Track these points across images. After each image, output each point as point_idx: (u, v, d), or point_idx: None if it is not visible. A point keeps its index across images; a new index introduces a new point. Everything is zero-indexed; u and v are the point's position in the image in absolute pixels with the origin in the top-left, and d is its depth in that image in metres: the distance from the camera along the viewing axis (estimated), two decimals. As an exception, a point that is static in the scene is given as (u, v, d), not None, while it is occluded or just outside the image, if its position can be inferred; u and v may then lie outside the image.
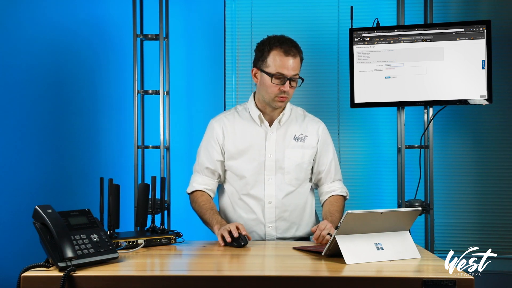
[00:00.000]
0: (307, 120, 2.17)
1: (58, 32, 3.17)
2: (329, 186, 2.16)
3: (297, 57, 2.01)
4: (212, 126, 2.16)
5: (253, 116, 2.12)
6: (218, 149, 2.11)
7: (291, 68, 1.98)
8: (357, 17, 2.97)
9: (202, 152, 2.15)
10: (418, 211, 1.64)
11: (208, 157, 2.12)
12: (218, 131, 2.12)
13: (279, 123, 2.11)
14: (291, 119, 2.14)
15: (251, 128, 2.11)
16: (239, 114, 2.15)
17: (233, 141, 2.10)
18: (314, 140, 2.14)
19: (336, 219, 2.03)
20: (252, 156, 2.08)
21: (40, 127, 3.12)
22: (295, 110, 2.19)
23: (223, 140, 2.11)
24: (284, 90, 1.99)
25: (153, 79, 3.06)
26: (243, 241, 1.78)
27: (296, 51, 2.01)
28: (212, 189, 2.14)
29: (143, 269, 1.52)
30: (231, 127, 2.12)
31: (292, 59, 1.99)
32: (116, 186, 1.72)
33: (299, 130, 2.13)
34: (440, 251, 3.09)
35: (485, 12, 3.25)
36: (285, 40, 2.02)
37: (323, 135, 2.16)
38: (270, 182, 2.07)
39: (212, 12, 3.40)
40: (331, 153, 2.17)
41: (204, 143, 2.16)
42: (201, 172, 2.13)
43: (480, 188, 3.26)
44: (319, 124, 2.19)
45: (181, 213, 3.16)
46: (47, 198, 2.95)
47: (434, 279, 1.32)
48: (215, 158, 2.11)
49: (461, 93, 2.76)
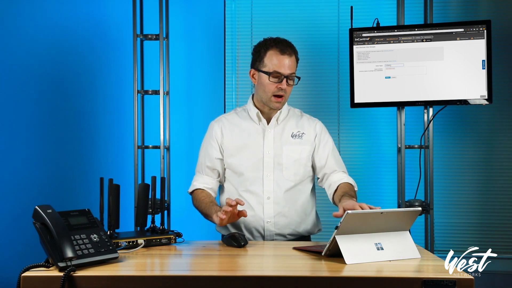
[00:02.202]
0: (304, 119, 2.23)
1: (58, 32, 3.17)
2: (335, 176, 2.14)
3: (293, 56, 2.08)
4: (211, 126, 2.22)
5: (251, 115, 2.17)
6: (217, 147, 2.16)
7: (287, 67, 2.04)
8: (357, 17, 2.97)
9: (202, 152, 2.21)
10: (418, 211, 1.64)
11: (207, 156, 2.17)
12: (217, 130, 2.18)
13: (277, 121, 2.16)
14: (288, 117, 2.20)
15: (250, 126, 2.16)
16: (238, 115, 2.22)
17: (231, 138, 2.15)
18: (312, 136, 2.17)
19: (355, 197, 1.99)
20: (250, 153, 2.12)
21: (40, 127, 3.11)
22: (293, 110, 2.25)
23: (222, 139, 2.16)
24: (281, 87, 2.05)
25: (153, 79, 3.06)
26: (243, 241, 1.79)
27: (291, 50, 2.08)
28: (212, 188, 2.16)
29: (143, 269, 1.52)
30: (229, 125, 2.18)
31: (288, 57, 2.05)
32: (116, 186, 1.72)
33: (296, 128, 2.17)
34: (440, 251, 3.09)
35: (485, 12, 3.25)
36: (281, 41, 2.09)
37: (320, 130, 2.20)
38: (269, 179, 2.10)
39: (212, 12, 3.40)
40: (330, 145, 2.19)
41: (204, 144, 2.21)
42: (202, 171, 2.18)
43: (480, 188, 3.26)
44: (315, 121, 2.23)
45: (181, 213, 3.16)
46: (47, 198, 2.94)
47: (434, 279, 1.32)
48: (214, 156, 2.15)
49: (461, 93, 2.76)
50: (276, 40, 2.08)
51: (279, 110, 2.13)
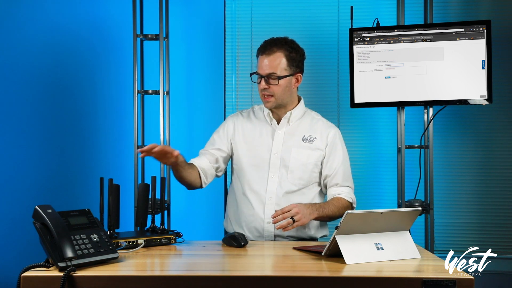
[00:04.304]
0: (320, 124, 2.20)
1: (58, 32, 3.16)
2: (335, 190, 2.14)
3: (274, 54, 2.06)
4: (227, 120, 2.28)
5: (265, 115, 2.20)
6: (224, 140, 2.19)
7: (264, 66, 2.07)
8: (357, 17, 2.97)
9: (209, 139, 2.25)
10: (418, 211, 1.64)
11: (212, 143, 2.22)
12: (230, 125, 2.22)
13: (288, 122, 2.16)
14: (302, 119, 2.19)
15: (261, 126, 2.19)
16: (254, 113, 2.24)
17: (242, 136, 2.18)
18: (323, 143, 2.14)
19: (325, 206, 2.03)
20: (258, 152, 2.13)
21: (40, 127, 3.11)
22: (309, 113, 2.24)
23: (233, 135, 2.20)
24: (260, 87, 2.08)
25: (153, 79, 3.06)
26: (243, 241, 1.79)
27: (275, 48, 2.07)
28: (204, 168, 2.13)
29: (143, 269, 1.52)
30: (243, 123, 2.22)
31: (266, 57, 2.07)
32: (116, 186, 1.72)
33: (309, 131, 2.16)
34: (440, 251, 3.09)
35: (485, 12, 3.25)
36: (266, 41, 2.11)
37: (333, 140, 2.16)
38: (274, 179, 2.10)
39: (212, 12, 3.40)
40: (340, 158, 2.15)
41: (214, 133, 2.25)
42: (202, 154, 2.20)
43: (480, 188, 3.26)
44: (330, 129, 2.19)
45: (181, 213, 3.16)
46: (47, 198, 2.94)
47: (434, 279, 1.32)
48: (217, 146, 2.19)
49: (461, 93, 2.76)
50: (264, 41, 2.11)
51: (268, 108, 2.14)
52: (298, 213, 1.89)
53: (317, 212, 1.99)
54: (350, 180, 2.19)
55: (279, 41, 2.09)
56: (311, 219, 1.97)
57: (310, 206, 1.98)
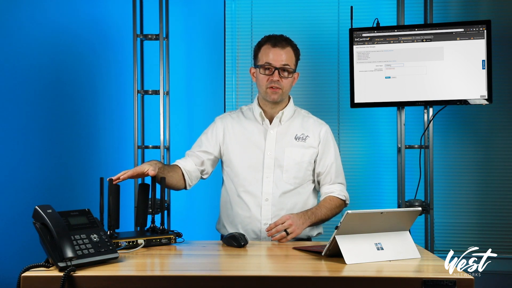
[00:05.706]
0: (311, 121, 2.19)
1: (58, 32, 3.17)
2: (328, 187, 2.15)
3: (287, 48, 2.07)
4: (215, 122, 2.22)
5: (255, 115, 2.16)
6: (212, 142, 2.16)
7: (278, 58, 2.04)
8: (357, 17, 2.97)
9: (197, 141, 2.21)
10: (418, 211, 1.64)
11: (199, 144, 2.18)
12: (219, 127, 2.18)
13: (280, 121, 2.13)
14: (293, 118, 2.17)
15: (253, 126, 2.15)
16: (243, 114, 2.21)
17: (233, 138, 2.14)
18: (315, 141, 2.14)
19: (317, 212, 2.04)
20: (251, 153, 2.11)
21: (40, 127, 3.11)
22: (299, 111, 2.22)
23: (223, 138, 2.16)
24: (272, 79, 2.04)
25: (153, 79, 3.06)
26: (243, 241, 1.78)
27: (285, 43, 2.07)
28: (189, 170, 2.10)
29: (143, 269, 1.52)
30: (233, 124, 2.17)
31: (280, 49, 2.05)
32: (116, 186, 1.72)
33: (301, 130, 2.15)
34: (440, 251, 3.09)
35: (485, 12, 3.25)
36: (275, 35, 2.10)
37: (325, 137, 2.16)
38: (268, 180, 2.08)
39: (212, 12, 3.40)
40: (333, 155, 2.16)
41: (202, 134, 2.21)
42: (188, 155, 2.17)
43: (480, 188, 3.26)
44: (322, 126, 2.19)
45: (181, 213, 3.16)
46: (47, 198, 2.94)
47: (434, 279, 1.32)
48: (204, 148, 2.15)
49: (461, 93, 2.76)
50: (270, 36, 2.10)
51: (275, 101, 2.09)
52: (291, 225, 1.91)
53: (310, 220, 2.00)
54: (342, 176, 2.20)
55: (286, 38, 2.11)
56: (304, 228, 1.98)
57: (302, 215, 1.99)
